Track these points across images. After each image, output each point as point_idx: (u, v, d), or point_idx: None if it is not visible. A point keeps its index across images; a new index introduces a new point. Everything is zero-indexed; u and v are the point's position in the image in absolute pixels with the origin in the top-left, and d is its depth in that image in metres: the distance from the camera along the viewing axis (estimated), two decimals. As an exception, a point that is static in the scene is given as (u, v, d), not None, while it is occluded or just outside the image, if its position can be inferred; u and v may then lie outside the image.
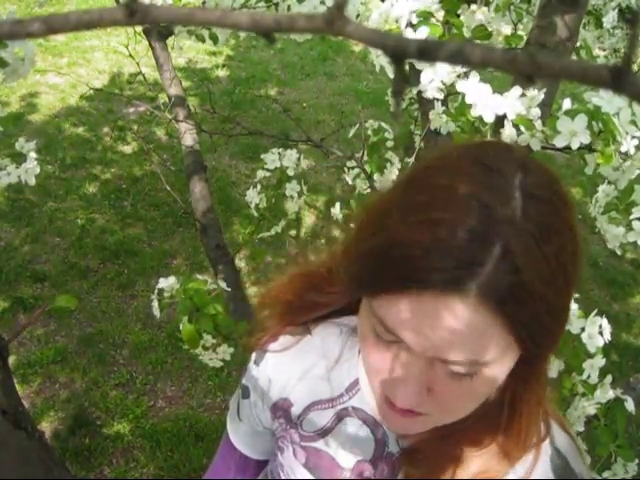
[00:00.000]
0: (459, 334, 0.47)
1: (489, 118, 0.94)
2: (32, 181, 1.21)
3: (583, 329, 0.89)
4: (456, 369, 0.50)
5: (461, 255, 0.46)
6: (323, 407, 0.69)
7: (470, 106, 0.95)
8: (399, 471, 0.66)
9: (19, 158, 1.21)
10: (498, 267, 0.45)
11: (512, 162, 0.50)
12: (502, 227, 0.46)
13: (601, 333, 0.89)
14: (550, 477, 0.61)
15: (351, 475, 0.67)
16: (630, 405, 0.89)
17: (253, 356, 0.75)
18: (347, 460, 0.68)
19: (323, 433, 0.69)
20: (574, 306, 0.91)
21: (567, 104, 0.94)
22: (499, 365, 0.51)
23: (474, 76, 0.94)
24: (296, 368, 0.71)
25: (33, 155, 1.22)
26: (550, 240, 0.47)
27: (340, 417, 0.68)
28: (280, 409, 0.72)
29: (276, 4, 1.27)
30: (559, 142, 0.91)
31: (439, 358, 0.50)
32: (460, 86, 0.95)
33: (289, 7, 1.20)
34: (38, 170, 1.23)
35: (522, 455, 0.60)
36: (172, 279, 1.21)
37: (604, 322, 0.89)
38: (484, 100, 0.93)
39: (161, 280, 1.21)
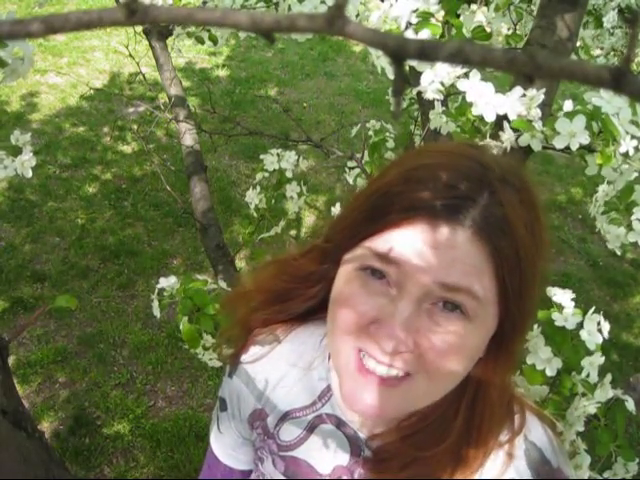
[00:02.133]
0: (457, 256, 0.53)
1: (490, 117, 0.94)
2: (29, 174, 1.17)
3: (581, 325, 0.89)
4: (450, 296, 0.53)
5: (460, 189, 0.54)
6: (297, 416, 0.70)
7: (471, 105, 0.95)
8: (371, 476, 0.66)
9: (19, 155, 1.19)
10: (488, 205, 0.54)
11: (489, 151, 0.63)
12: (492, 177, 0.55)
13: (600, 331, 0.89)
14: (527, 472, 0.62)
15: None
16: (631, 405, 0.88)
17: (227, 369, 0.76)
18: (324, 467, 0.68)
19: (299, 441, 0.69)
20: (571, 304, 0.91)
21: (568, 106, 0.93)
22: (483, 321, 0.54)
23: (475, 75, 0.94)
24: (269, 378, 0.72)
25: (29, 147, 1.20)
26: (524, 201, 0.56)
27: (315, 425, 0.69)
28: (257, 419, 0.73)
29: (276, 4, 1.26)
30: (559, 143, 0.91)
31: (436, 281, 0.52)
32: (461, 85, 0.95)
33: (289, 7, 1.20)
34: (34, 162, 1.18)
35: (488, 452, 0.61)
36: (172, 279, 1.21)
37: (602, 319, 0.89)
38: (485, 99, 0.93)
39: (161, 280, 1.21)
